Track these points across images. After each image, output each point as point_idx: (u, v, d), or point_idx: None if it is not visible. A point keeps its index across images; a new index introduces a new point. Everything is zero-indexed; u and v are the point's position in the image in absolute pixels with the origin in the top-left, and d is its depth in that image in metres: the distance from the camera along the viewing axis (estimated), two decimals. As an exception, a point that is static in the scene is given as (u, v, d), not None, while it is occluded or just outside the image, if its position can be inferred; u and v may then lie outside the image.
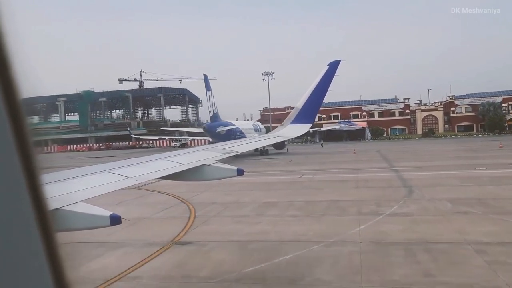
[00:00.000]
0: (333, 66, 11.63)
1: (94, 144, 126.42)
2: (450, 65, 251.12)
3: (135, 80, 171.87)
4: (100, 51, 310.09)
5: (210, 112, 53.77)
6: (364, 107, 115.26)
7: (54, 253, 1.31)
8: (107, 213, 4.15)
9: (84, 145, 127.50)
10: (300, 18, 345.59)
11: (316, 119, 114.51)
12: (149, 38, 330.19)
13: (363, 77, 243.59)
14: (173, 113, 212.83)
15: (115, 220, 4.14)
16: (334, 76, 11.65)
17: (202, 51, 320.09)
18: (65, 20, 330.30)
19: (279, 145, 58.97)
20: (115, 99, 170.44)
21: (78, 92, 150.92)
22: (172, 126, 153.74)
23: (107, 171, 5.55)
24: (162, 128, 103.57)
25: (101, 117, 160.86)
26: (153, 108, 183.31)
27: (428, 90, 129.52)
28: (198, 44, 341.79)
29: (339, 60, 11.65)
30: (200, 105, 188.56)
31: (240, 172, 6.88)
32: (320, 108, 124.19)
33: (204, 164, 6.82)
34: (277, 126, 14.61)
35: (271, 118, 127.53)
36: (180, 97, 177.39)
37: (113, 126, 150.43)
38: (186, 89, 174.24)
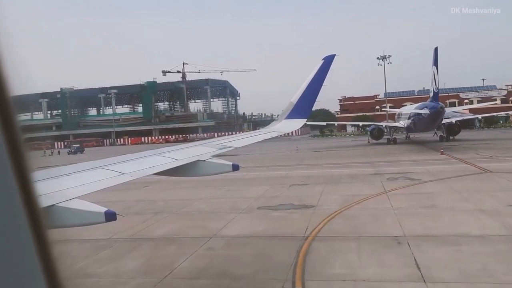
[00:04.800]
0: (328, 61, 11.41)
1: (171, 136, 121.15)
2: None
3: (178, 72, 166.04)
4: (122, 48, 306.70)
5: (432, 90, 48.16)
6: (462, 95, 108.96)
7: (46, 251, 1.29)
8: (102, 209, 4.11)
9: (162, 137, 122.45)
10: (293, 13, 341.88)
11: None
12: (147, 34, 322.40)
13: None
14: (213, 105, 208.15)
15: (110, 216, 4.11)
16: (329, 71, 11.34)
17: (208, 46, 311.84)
18: (62, 19, 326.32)
19: (454, 131, 53.35)
20: (166, 91, 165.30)
21: (141, 83, 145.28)
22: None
23: (101, 168, 5.53)
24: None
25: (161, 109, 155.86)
26: (194, 100, 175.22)
27: (483, 79, 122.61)
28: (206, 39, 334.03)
29: (334, 55, 11.44)
30: (238, 98, 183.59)
31: (235, 168, 6.82)
32: (411, 97, 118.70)
33: (199, 160, 6.78)
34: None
35: (354, 107, 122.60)
36: (222, 89, 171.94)
37: (176, 118, 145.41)
38: (227, 81, 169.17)
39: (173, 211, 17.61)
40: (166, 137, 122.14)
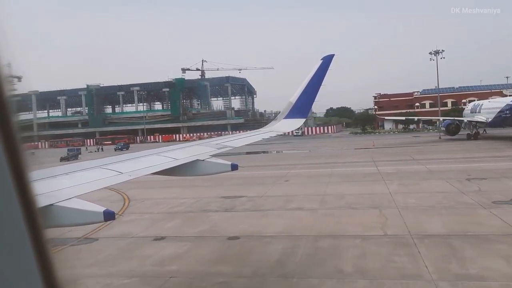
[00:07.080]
0: (327, 61, 11.41)
1: (203, 134, 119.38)
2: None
3: (197, 69, 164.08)
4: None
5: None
6: (505, 91, 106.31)
7: (43, 251, 1.28)
8: (101, 208, 4.09)
9: (194, 135, 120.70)
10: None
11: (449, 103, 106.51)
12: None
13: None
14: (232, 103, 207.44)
15: (108, 215, 4.10)
16: (328, 70, 11.35)
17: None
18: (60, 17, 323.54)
19: None
20: (187, 88, 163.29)
21: (169, 79, 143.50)
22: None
23: (100, 167, 5.56)
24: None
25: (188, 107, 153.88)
26: (211, 98, 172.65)
27: (507, 77, 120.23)
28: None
29: (333, 55, 11.44)
30: (255, 96, 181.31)
31: (234, 167, 6.85)
32: (451, 93, 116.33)
33: (197, 159, 6.82)
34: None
35: (389, 104, 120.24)
36: (240, 87, 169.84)
37: (203, 116, 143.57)
38: (245, 78, 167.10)
39: (379, 206, 15.64)
40: (199, 134, 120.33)
